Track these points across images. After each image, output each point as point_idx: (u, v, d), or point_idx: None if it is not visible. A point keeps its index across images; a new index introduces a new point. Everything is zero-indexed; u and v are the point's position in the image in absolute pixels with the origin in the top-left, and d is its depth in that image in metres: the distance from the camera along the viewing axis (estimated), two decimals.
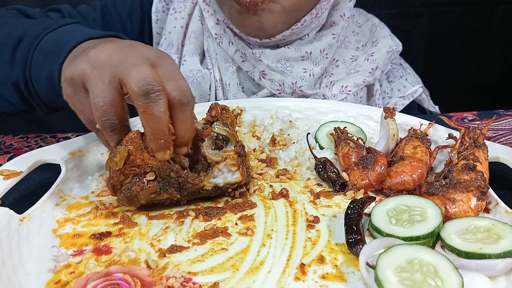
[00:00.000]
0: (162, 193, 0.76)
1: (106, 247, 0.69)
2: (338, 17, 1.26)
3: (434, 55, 2.32)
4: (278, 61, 1.22)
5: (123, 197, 0.76)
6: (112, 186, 0.76)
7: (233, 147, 0.79)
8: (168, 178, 0.75)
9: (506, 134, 1.09)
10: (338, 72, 1.29)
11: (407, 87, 1.35)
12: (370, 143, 0.97)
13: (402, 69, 1.44)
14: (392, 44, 1.30)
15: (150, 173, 0.74)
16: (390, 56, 1.30)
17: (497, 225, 0.65)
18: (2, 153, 1.06)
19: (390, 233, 0.66)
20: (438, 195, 0.74)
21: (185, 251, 0.68)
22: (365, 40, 1.35)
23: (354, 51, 1.32)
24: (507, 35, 2.32)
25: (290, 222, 0.74)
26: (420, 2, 2.21)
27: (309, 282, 0.61)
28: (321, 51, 1.24)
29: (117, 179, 0.74)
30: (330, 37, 1.25)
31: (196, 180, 0.76)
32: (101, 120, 0.70)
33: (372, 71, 1.28)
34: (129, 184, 0.75)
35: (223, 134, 0.79)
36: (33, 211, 0.73)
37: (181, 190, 0.76)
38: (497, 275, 0.61)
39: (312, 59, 1.24)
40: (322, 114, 1.09)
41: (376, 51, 1.29)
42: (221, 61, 1.30)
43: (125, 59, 0.71)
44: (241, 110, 1.08)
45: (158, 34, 1.34)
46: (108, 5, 1.33)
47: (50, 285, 0.62)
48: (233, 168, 0.78)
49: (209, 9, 1.29)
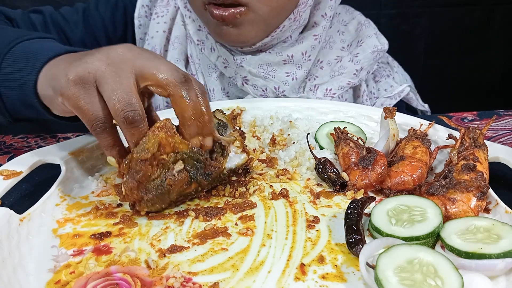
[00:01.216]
0: (193, 183, 0.75)
1: (106, 247, 0.69)
2: (319, 17, 1.24)
3: (434, 55, 2.32)
4: (260, 66, 1.20)
5: (153, 196, 0.72)
6: (138, 185, 0.70)
7: (231, 131, 0.81)
8: (195, 165, 0.75)
9: (506, 134, 1.09)
10: (322, 74, 1.27)
11: (394, 87, 1.32)
12: (370, 143, 0.98)
13: (389, 67, 1.41)
14: (377, 44, 1.27)
15: (178, 163, 0.73)
16: (376, 56, 1.27)
17: (497, 225, 0.65)
18: (2, 153, 1.06)
19: (390, 233, 0.66)
20: (438, 195, 0.74)
21: (185, 251, 0.68)
22: (351, 40, 1.31)
23: (339, 51, 1.28)
24: (507, 35, 2.32)
25: (290, 222, 0.74)
26: (420, 2, 2.21)
27: (309, 282, 0.61)
28: (303, 54, 1.22)
29: (145, 173, 0.70)
30: (311, 38, 1.22)
31: (218, 164, 0.78)
32: (125, 112, 0.68)
33: (356, 73, 1.25)
34: (158, 180, 0.72)
35: (223, 121, 0.81)
36: (33, 211, 0.73)
37: (207, 177, 0.77)
38: (497, 275, 0.61)
39: (295, 62, 1.22)
40: (322, 114, 1.09)
41: (361, 51, 1.26)
42: (204, 66, 1.28)
43: (140, 55, 0.72)
44: (241, 110, 1.09)
45: (141, 40, 1.32)
46: (90, 8, 1.31)
47: (50, 285, 0.62)
48: (238, 150, 0.82)
49: (190, 15, 1.27)
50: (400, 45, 2.11)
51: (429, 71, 2.31)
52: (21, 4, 1.86)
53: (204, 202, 0.81)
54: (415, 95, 1.35)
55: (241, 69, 1.21)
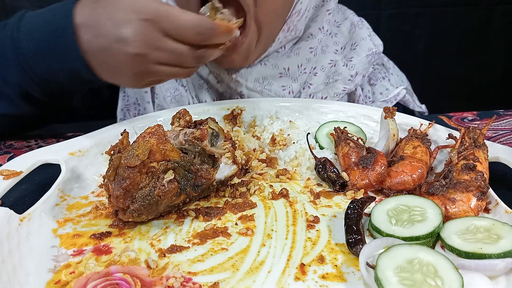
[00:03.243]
0: (182, 194, 0.72)
1: (106, 247, 0.69)
2: (316, 29, 1.22)
3: (434, 55, 2.32)
4: (256, 80, 1.19)
5: (140, 207, 0.68)
6: (124, 193, 0.67)
7: (223, 141, 0.79)
8: (186, 176, 0.72)
9: (506, 134, 1.09)
10: (316, 81, 1.24)
11: (390, 90, 1.30)
12: (370, 143, 0.97)
13: (385, 69, 1.39)
14: (371, 47, 1.25)
15: (169, 172, 0.70)
16: (371, 60, 1.25)
17: (497, 225, 0.65)
18: (2, 153, 1.05)
19: (390, 233, 0.66)
20: (438, 195, 0.74)
21: (185, 251, 0.68)
22: (344, 42, 1.28)
23: (333, 55, 1.26)
24: (507, 35, 2.33)
25: (290, 222, 0.74)
26: (420, 2, 2.21)
27: (309, 282, 0.61)
28: (298, 67, 1.21)
29: (133, 181, 0.66)
30: (307, 51, 1.21)
31: (209, 175, 0.75)
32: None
33: (352, 78, 1.23)
34: (146, 189, 0.68)
35: (215, 130, 0.79)
36: (33, 211, 0.73)
37: (196, 188, 0.75)
38: (497, 275, 0.61)
39: (291, 75, 1.21)
40: (322, 114, 1.09)
41: (355, 55, 1.24)
42: (194, 79, 1.27)
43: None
44: (241, 110, 1.08)
45: None
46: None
47: (50, 285, 0.62)
48: (229, 161, 0.81)
49: None
50: (400, 45, 2.11)
51: (429, 71, 2.31)
52: (21, 4, 1.86)
53: (204, 202, 0.81)
54: (411, 96, 1.32)
55: (237, 84, 1.19)
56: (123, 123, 1.01)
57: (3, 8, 1.89)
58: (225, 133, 0.81)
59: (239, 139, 0.98)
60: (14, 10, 1.24)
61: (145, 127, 0.75)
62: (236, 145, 0.87)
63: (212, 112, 1.07)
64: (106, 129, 0.96)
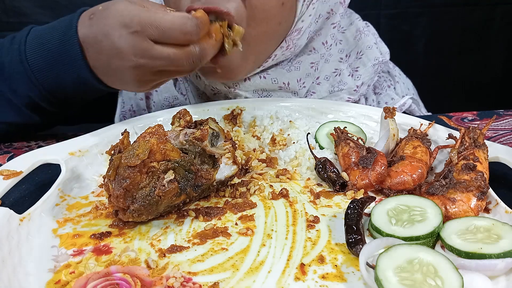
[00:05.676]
0: (182, 194, 0.72)
1: (106, 247, 0.69)
2: (319, 43, 1.18)
3: (434, 55, 2.32)
4: (255, 91, 1.17)
5: (140, 207, 0.68)
6: (124, 193, 0.67)
7: (223, 141, 0.79)
8: (186, 176, 0.72)
9: (506, 134, 1.09)
10: (320, 90, 1.21)
11: (395, 99, 1.26)
12: (370, 143, 0.97)
13: (390, 77, 1.35)
14: (378, 56, 1.21)
15: (169, 172, 0.70)
16: (377, 69, 1.21)
17: (497, 225, 0.65)
18: (2, 153, 1.05)
19: (390, 233, 0.66)
20: (438, 195, 0.74)
21: (185, 251, 0.68)
22: (349, 50, 1.24)
23: (337, 63, 1.22)
24: (507, 35, 2.32)
25: (290, 222, 0.74)
26: (420, 2, 2.21)
27: (309, 282, 0.61)
28: (298, 81, 1.17)
29: (133, 180, 0.66)
30: (308, 66, 1.17)
31: (209, 175, 0.75)
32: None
33: (357, 89, 1.20)
34: (147, 189, 0.68)
35: (216, 130, 0.78)
36: (33, 211, 0.73)
37: (196, 189, 0.75)
38: (497, 275, 0.61)
39: (291, 89, 1.18)
40: (322, 114, 1.09)
41: (361, 65, 1.21)
42: (193, 89, 1.26)
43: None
44: (241, 110, 1.08)
45: None
46: None
47: (50, 285, 0.62)
48: (229, 161, 0.81)
49: None
50: (400, 45, 2.11)
51: (429, 71, 2.31)
52: (21, 4, 1.86)
53: (204, 202, 0.81)
54: (417, 105, 1.27)
55: (236, 95, 1.17)
56: (123, 123, 1.01)
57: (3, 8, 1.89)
58: (225, 133, 0.80)
59: (239, 139, 0.98)
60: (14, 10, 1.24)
61: (145, 127, 0.75)
62: (236, 145, 0.87)
63: (212, 112, 1.07)
64: (106, 129, 0.96)
